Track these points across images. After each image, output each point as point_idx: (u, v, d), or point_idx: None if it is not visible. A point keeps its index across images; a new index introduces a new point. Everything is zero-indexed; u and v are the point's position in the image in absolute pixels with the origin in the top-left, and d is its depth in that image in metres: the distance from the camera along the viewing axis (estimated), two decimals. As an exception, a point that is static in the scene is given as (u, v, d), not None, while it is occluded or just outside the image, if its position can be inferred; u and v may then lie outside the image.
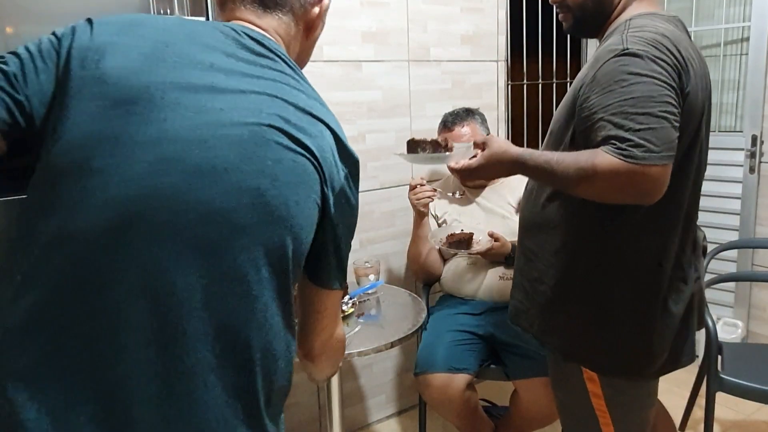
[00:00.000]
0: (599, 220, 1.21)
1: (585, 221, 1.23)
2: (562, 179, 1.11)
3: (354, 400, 2.42)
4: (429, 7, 2.35)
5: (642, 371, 1.27)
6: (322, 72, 2.13)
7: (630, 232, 1.21)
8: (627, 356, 1.25)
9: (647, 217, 1.19)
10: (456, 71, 2.48)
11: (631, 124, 1.04)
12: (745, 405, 2.29)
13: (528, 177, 1.27)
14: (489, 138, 1.24)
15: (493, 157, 1.21)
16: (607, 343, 1.25)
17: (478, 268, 2.09)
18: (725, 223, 2.76)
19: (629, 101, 1.05)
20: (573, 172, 1.08)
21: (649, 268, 1.22)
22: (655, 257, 1.22)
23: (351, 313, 1.81)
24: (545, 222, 1.30)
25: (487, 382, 2.32)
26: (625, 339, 1.24)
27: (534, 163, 1.16)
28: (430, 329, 2.02)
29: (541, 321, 1.34)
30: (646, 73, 1.07)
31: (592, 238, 1.24)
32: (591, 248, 1.24)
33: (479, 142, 1.24)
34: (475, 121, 2.13)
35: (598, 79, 1.11)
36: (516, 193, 2.13)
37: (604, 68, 1.11)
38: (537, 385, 1.84)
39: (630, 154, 1.03)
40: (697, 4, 2.82)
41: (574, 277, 1.27)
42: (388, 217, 2.39)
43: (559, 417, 1.49)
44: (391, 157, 2.34)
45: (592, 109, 1.10)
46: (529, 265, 1.36)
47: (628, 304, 1.23)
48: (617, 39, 1.14)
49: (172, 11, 1.95)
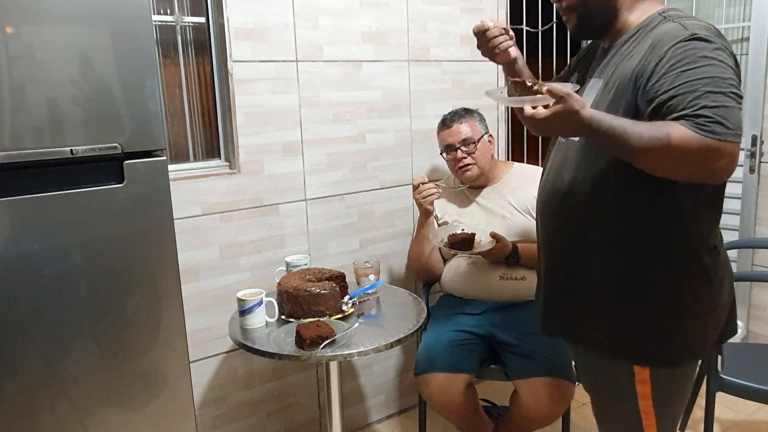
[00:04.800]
0: (657, 204, 1.21)
1: (642, 207, 1.22)
2: (633, 145, 1.09)
3: (354, 400, 2.42)
4: (429, 7, 2.35)
5: (698, 355, 1.29)
6: (322, 72, 2.13)
7: (691, 215, 1.21)
8: (684, 343, 1.26)
9: (705, 198, 1.21)
10: (456, 71, 2.48)
11: (707, 102, 1.06)
12: (745, 405, 2.29)
13: (591, 140, 1.19)
14: (570, 94, 1.10)
15: (563, 114, 1.10)
16: (667, 333, 1.25)
17: (479, 268, 2.09)
18: (725, 222, 2.72)
19: (704, 81, 1.08)
20: (646, 139, 1.07)
21: (708, 252, 1.24)
22: (711, 241, 1.24)
23: (351, 313, 1.81)
24: (588, 215, 1.28)
25: (487, 382, 2.32)
26: (684, 326, 1.24)
27: (606, 125, 1.10)
28: (430, 329, 2.02)
29: (587, 323, 1.31)
30: (716, 56, 1.10)
31: (652, 224, 1.22)
32: (651, 236, 1.23)
33: (558, 96, 1.10)
34: (474, 119, 2.13)
35: (667, 63, 1.12)
36: (517, 193, 2.13)
37: (672, 52, 1.12)
38: (537, 385, 1.84)
39: (710, 129, 1.05)
40: (697, 4, 2.82)
41: (633, 270, 1.24)
42: (388, 217, 2.39)
43: (598, 424, 1.45)
44: (391, 157, 2.35)
45: (664, 90, 1.11)
46: (566, 264, 1.34)
47: (691, 290, 1.23)
48: (675, 26, 1.16)
49: (172, 11, 1.96)
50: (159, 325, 1.40)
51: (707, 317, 1.26)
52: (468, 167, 2.10)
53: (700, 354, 1.31)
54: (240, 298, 1.75)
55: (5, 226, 1.20)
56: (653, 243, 1.23)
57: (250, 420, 2.18)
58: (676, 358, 1.27)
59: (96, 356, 1.33)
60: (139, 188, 1.33)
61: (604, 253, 1.27)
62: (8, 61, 1.16)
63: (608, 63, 1.29)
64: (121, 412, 1.38)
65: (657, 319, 1.24)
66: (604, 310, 1.29)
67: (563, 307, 1.37)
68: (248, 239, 2.07)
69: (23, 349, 1.25)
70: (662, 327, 1.24)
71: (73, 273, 1.28)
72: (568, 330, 1.38)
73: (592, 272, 1.29)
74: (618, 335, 1.28)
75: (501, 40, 1.44)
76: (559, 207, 1.35)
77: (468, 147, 2.09)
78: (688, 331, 1.25)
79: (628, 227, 1.24)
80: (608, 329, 1.29)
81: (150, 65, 1.31)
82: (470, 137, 2.09)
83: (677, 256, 1.22)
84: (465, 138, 2.09)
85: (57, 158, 1.23)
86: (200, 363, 2.03)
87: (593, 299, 1.30)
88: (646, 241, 1.23)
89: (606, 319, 1.29)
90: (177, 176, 1.89)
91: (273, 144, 2.06)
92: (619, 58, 1.25)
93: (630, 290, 1.26)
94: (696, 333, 1.26)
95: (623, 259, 1.25)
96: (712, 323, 1.27)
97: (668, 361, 1.27)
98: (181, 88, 2.00)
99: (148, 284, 1.38)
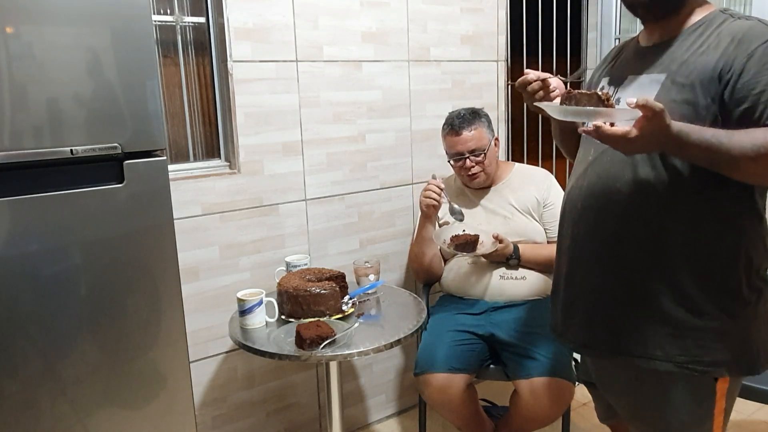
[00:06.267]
0: (738, 210, 1.20)
1: (720, 215, 1.20)
2: (734, 155, 1.07)
3: (354, 400, 2.43)
4: (429, 7, 2.35)
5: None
6: (322, 72, 2.13)
7: (754, 218, 1.21)
8: (766, 347, 1.24)
9: (761, 201, 1.21)
10: (456, 71, 2.48)
11: None
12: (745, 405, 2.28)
13: (679, 155, 1.15)
14: (665, 110, 1.05)
15: (655, 131, 1.05)
16: (759, 338, 1.24)
17: (479, 269, 2.09)
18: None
19: None
20: (750, 149, 1.06)
21: (764, 255, 1.23)
22: (767, 242, 1.24)
23: (351, 313, 1.81)
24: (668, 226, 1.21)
25: (487, 382, 2.32)
26: (757, 333, 1.23)
27: (698, 138, 1.07)
28: (430, 329, 2.02)
29: (665, 342, 1.22)
30: None
31: (739, 230, 1.21)
32: (738, 241, 1.20)
33: (654, 111, 1.03)
34: (482, 124, 2.09)
35: (760, 61, 1.11)
36: (518, 193, 2.13)
37: (763, 50, 1.11)
38: (537, 385, 1.84)
39: None
40: (697, 4, 2.82)
41: (730, 279, 1.20)
42: (388, 217, 2.39)
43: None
44: (391, 157, 2.35)
45: (759, 90, 1.10)
46: (627, 279, 1.25)
47: (760, 294, 1.23)
48: (755, 24, 1.15)
49: (172, 11, 1.96)
50: (159, 325, 1.40)
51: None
52: (477, 175, 2.10)
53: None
54: (240, 298, 1.75)
55: (5, 226, 1.20)
56: (739, 244, 1.21)
57: (250, 420, 2.18)
58: (754, 365, 1.24)
59: (96, 356, 1.33)
60: (139, 188, 1.33)
61: (690, 256, 1.20)
62: (8, 61, 1.16)
63: (669, 58, 1.22)
64: (121, 412, 1.38)
65: (737, 326, 1.21)
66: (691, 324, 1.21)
67: (620, 321, 1.27)
68: (248, 239, 2.07)
69: (23, 349, 1.25)
70: (751, 332, 1.23)
71: (73, 273, 1.28)
72: (613, 346, 1.29)
73: (676, 279, 1.21)
74: (702, 348, 1.21)
75: (541, 95, 1.32)
76: (617, 209, 1.25)
77: (477, 156, 2.08)
78: (758, 337, 1.24)
79: (713, 228, 1.20)
80: (688, 344, 1.21)
81: (150, 65, 1.31)
82: (480, 147, 2.07)
83: (758, 259, 1.22)
84: (474, 148, 2.06)
85: (57, 158, 1.23)
86: (200, 363, 2.03)
87: (674, 315, 1.22)
88: (732, 243, 1.21)
89: (693, 331, 1.21)
90: (177, 176, 1.89)
91: (273, 144, 2.06)
92: (684, 52, 1.20)
93: (714, 300, 1.20)
94: (761, 339, 1.25)
95: (706, 268, 1.20)
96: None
97: (752, 368, 1.24)
98: (181, 88, 2.00)
99: (148, 284, 1.38)
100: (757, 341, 1.23)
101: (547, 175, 2.20)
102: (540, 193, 2.12)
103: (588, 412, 2.44)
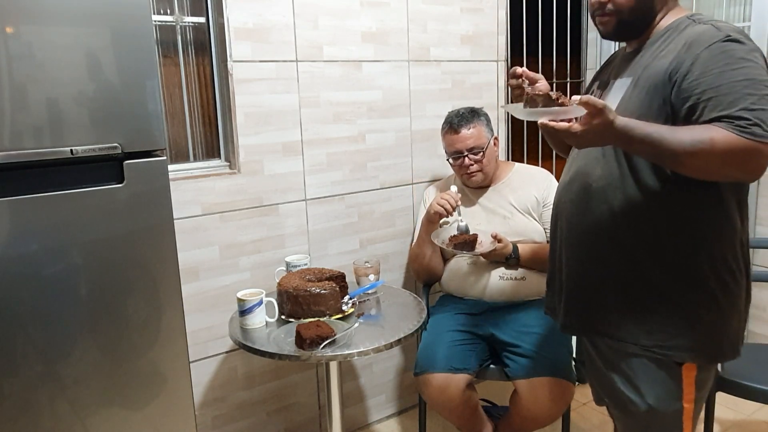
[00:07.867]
0: (702, 205, 1.24)
1: (688, 202, 1.24)
2: (674, 150, 1.11)
3: (354, 400, 2.43)
4: (429, 7, 2.35)
5: (738, 351, 1.31)
6: (322, 72, 2.13)
7: (730, 212, 1.25)
8: (731, 339, 1.29)
9: (740, 196, 1.25)
10: (456, 71, 2.48)
11: (746, 104, 1.09)
12: (745, 405, 2.28)
13: (628, 149, 1.22)
14: (606, 107, 1.10)
15: (599, 127, 1.11)
16: (723, 330, 1.28)
17: (479, 269, 2.09)
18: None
19: (742, 83, 1.10)
20: (688, 144, 1.09)
21: (743, 248, 1.28)
22: (741, 237, 1.28)
23: (351, 313, 1.81)
24: (635, 219, 1.28)
25: (487, 382, 2.32)
26: (730, 322, 1.28)
27: (642, 133, 1.12)
28: (430, 329, 2.02)
29: (634, 327, 1.31)
30: (751, 58, 1.13)
31: (703, 225, 1.25)
32: (703, 235, 1.25)
33: (597, 108, 1.09)
34: (481, 123, 2.10)
35: (704, 63, 1.14)
36: (518, 193, 2.13)
37: (708, 53, 1.14)
38: (537, 385, 1.84)
39: (751, 131, 1.08)
40: (697, 4, 2.82)
41: (695, 270, 1.25)
42: (388, 217, 2.39)
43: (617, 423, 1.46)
44: (391, 157, 2.35)
45: (700, 90, 1.13)
46: (602, 268, 1.34)
47: (735, 286, 1.27)
48: (708, 28, 1.18)
49: (172, 11, 1.96)
50: (159, 325, 1.40)
51: (741, 314, 1.31)
52: (474, 174, 2.10)
53: (739, 348, 1.32)
54: (240, 298, 1.75)
55: (5, 226, 1.20)
56: (704, 238, 1.25)
57: (250, 420, 2.18)
58: (725, 353, 1.30)
59: (96, 356, 1.33)
60: (139, 188, 1.33)
61: (655, 248, 1.27)
62: (8, 61, 1.16)
63: (637, 63, 1.30)
64: (121, 412, 1.38)
65: (714, 314, 1.26)
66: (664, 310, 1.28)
67: (595, 304, 1.37)
68: (248, 239, 2.07)
69: (23, 349, 1.25)
70: (715, 323, 1.27)
71: (73, 273, 1.28)
72: (589, 327, 1.39)
73: (643, 268, 1.28)
74: (674, 334, 1.28)
75: (517, 93, 1.39)
76: (591, 203, 1.34)
77: (476, 155, 2.08)
78: (729, 326, 1.28)
79: (677, 222, 1.25)
80: (658, 330, 1.28)
81: (150, 65, 1.31)
82: (478, 145, 2.08)
83: (724, 252, 1.25)
84: (473, 146, 2.07)
85: (57, 158, 1.23)
86: (200, 363, 2.03)
87: (658, 301, 1.29)
88: (697, 236, 1.25)
89: (663, 317, 1.28)
90: (177, 176, 1.89)
91: (273, 144, 2.06)
92: (649, 57, 1.27)
93: (693, 290, 1.26)
94: (734, 329, 1.29)
95: (690, 262, 1.26)
96: (744, 317, 1.32)
97: (720, 356, 1.31)
98: (181, 88, 2.00)
99: (148, 284, 1.38)
100: (722, 332, 1.28)
101: (547, 175, 2.20)
102: (540, 192, 2.12)
103: (588, 412, 2.44)
